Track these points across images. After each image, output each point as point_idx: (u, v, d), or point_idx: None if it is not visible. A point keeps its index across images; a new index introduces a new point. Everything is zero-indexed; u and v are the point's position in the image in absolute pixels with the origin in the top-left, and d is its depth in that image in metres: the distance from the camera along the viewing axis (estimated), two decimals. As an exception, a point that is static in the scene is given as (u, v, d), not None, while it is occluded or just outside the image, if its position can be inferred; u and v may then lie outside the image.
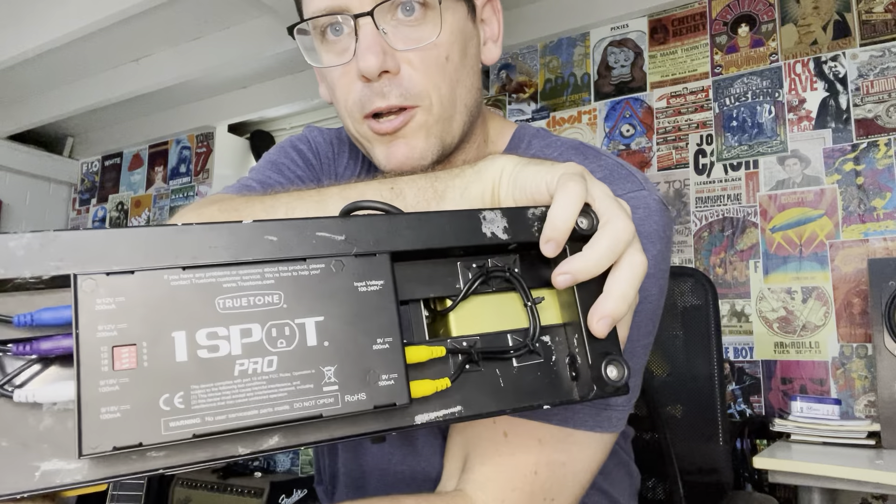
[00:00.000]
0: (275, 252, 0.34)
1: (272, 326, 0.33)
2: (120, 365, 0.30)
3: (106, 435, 0.29)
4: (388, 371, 0.34)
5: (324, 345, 0.34)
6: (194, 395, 0.31)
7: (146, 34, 2.58)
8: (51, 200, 3.66)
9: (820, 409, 1.63)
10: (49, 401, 0.31)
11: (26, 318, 0.32)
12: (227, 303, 0.32)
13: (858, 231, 1.84)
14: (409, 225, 0.38)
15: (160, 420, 0.30)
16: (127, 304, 0.31)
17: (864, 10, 1.93)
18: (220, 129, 3.26)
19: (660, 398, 1.50)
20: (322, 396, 0.33)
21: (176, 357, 0.31)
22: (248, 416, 0.31)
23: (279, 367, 0.32)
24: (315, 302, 0.34)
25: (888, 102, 1.86)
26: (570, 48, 2.42)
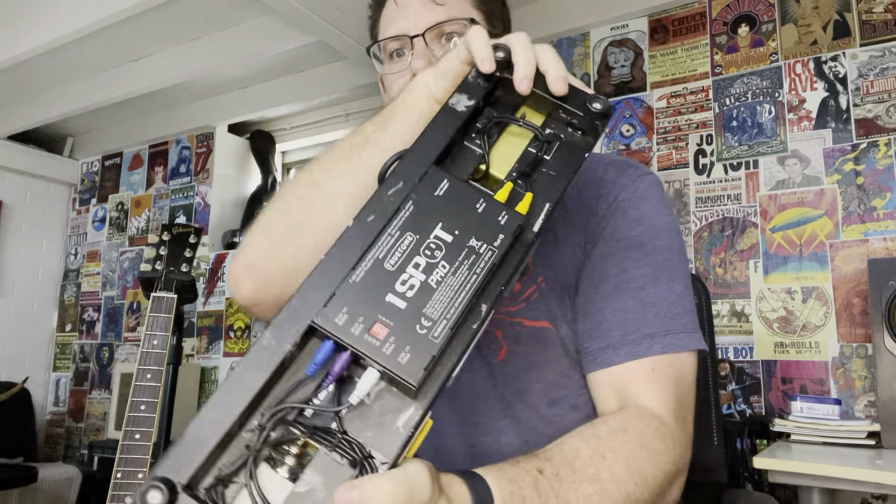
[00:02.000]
0: (384, 217, 0.48)
1: (425, 251, 0.47)
2: (381, 335, 0.43)
3: (413, 369, 0.42)
4: (499, 214, 0.49)
5: (455, 234, 0.48)
6: (428, 313, 0.44)
7: (146, 34, 2.58)
8: (51, 200, 3.66)
9: (820, 409, 1.63)
10: (363, 394, 0.43)
11: (312, 366, 0.43)
12: (393, 260, 0.46)
13: (858, 231, 1.84)
14: (422, 149, 0.52)
15: (428, 338, 0.43)
16: (348, 307, 0.44)
17: (864, 10, 1.93)
18: (220, 129, 3.26)
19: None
20: (483, 253, 0.47)
21: (400, 306, 0.44)
22: (462, 296, 0.45)
23: (448, 265, 0.47)
24: (427, 221, 0.48)
25: (888, 102, 1.86)
26: (570, 48, 2.42)
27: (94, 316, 3.47)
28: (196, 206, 3.25)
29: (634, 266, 0.74)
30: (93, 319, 3.47)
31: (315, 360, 0.43)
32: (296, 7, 2.07)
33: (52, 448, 3.44)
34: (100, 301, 3.46)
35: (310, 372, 0.43)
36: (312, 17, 2.13)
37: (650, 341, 0.70)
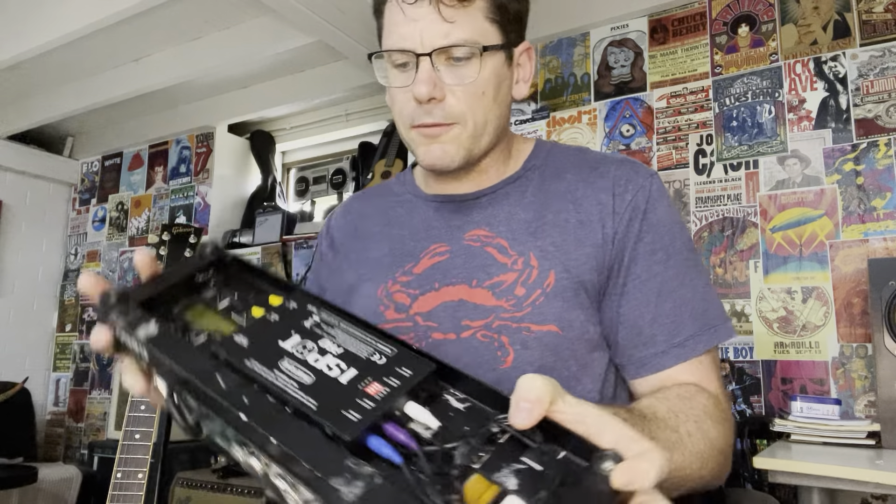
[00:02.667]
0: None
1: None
2: (373, 390, 0.45)
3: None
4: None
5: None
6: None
7: (146, 34, 2.58)
8: (51, 200, 3.66)
9: (820, 409, 1.63)
10: (428, 419, 0.44)
11: (396, 455, 0.42)
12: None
13: (858, 231, 1.84)
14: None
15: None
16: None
17: (864, 10, 1.93)
18: (220, 129, 3.27)
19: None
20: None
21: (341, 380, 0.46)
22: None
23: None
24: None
25: (888, 102, 1.86)
26: (570, 48, 2.42)
27: (94, 316, 3.47)
28: (196, 206, 3.25)
29: (663, 269, 0.77)
30: (93, 319, 3.47)
31: (388, 450, 0.41)
32: (296, 7, 2.07)
33: (52, 448, 3.44)
34: (100, 301, 3.46)
35: (399, 460, 0.41)
36: (312, 17, 2.13)
37: (693, 342, 0.76)
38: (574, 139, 2.33)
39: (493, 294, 0.78)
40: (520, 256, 0.79)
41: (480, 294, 0.79)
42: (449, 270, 0.82)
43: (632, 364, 0.77)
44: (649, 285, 0.77)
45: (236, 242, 3.05)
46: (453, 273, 0.81)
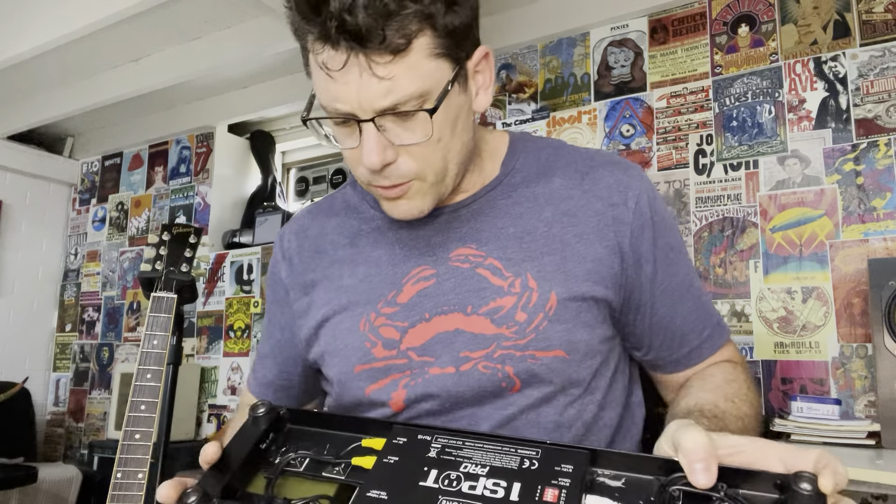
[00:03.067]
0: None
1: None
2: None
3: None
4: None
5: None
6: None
7: (146, 34, 2.58)
8: (51, 200, 3.66)
9: (820, 409, 1.63)
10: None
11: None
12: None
13: (858, 231, 1.84)
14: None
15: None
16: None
17: (864, 10, 1.93)
18: (220, 129, 3.26)
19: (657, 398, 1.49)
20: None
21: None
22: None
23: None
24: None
25: (888, 102, 1.86)
26: (570, 48, 2.42)
27: (94, 316, 3.47)
28: (196, 206, 3.25)
29: (676, 269, 0.78)
30: (93, 319, 3.47)
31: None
32: (296, 7, 2.07)
33: (52, 448, 3.44)
34: (100, 301, 3.46)
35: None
36: (312, 17, 2.13)
37: (719, 329, 0.81)
38: (574, 139, 2.32)
39: (492, 321, 0.72)
40: (516, 277, 0.73)
41: (478, 322, 0.73)
42: (438, 297, 0.75)
43: (669, 364, 0.80)
44: (671, 288, 0.77)
45: (236, 242, 3.05)
46: (444, 300, 0.74)
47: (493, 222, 0.77)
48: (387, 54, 0.63)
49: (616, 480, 0.47)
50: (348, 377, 0.76)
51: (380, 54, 0.63)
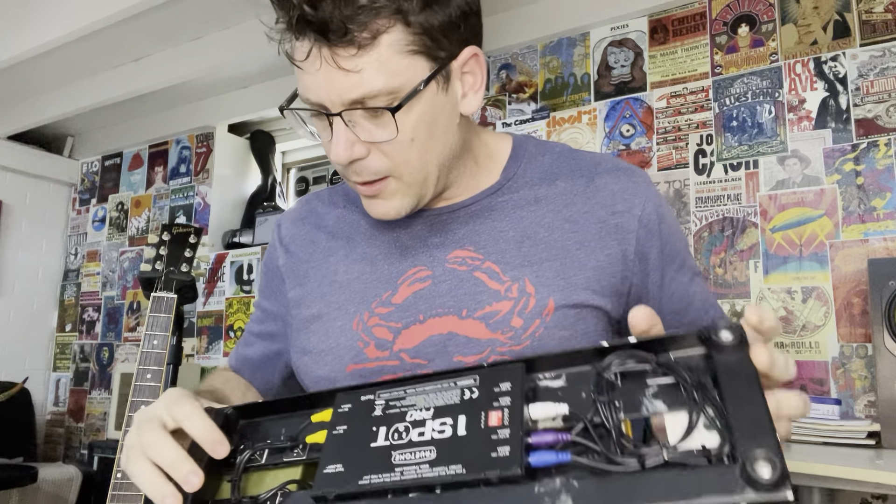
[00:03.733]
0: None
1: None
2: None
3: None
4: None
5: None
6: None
7: (146, 34, 2.58)
8: (51, 200, 3.66)
9: (820, 409, 1.63)
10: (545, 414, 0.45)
11: (553, 454, 0.44)
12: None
13: (858, 231, 1.84)
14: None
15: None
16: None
17: (864, 10, 1.93)
18: (220, 129, 3.26)
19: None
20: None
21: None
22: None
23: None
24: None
25: (888, 102, 1.86)
26: (570, 48, 2.42)
27: (94, 316, 3.47)
28: (196, 206, 3.25)
29: (683, 275, 0.78)
30: (93, 319, 3.47)
31: (552, 457, 0.42)
32: (296, 7, 2.07)
33: (52, 448, 3.44)
34: (100, 301, 3.46)
35: (568, 457, 0.42)
36: (312, 17, 2.13)
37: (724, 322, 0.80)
38: (574, 139, 2.32)
39: (487, 326, 0.71)
40: (514, 282, 0.71)
41: (472, 326, 0.71)
42: (434, 299, 0.73)
43: None
44: (679, 294, 0.78)
45: (236, 242, 3.05)
46: (439, 302, 0.73)
47: (492, 225, 0.75)
48: (351, 48, 0.62)
49: (557, 380, 0.47)
50: (340, 377, 0.75)
51: (344, 47, 0.62)
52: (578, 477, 0.41)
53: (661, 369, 0.45)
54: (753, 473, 0.37)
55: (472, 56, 0.70)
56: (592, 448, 0.43)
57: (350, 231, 0.82)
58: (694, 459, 0.41)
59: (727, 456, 0.40)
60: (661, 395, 0.44)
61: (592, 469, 0.41)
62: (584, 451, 0.43)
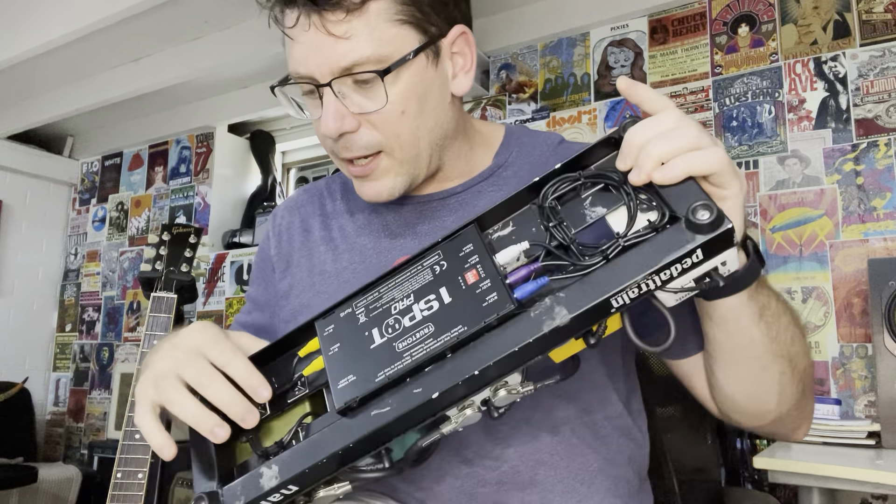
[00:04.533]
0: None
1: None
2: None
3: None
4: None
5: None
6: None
7: (146, 34, 2.58)
8: (51, 200, 3.66)
9: (820, 409, 1.63)
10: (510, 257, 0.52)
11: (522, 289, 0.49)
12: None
13: (858, 231, 1.84)
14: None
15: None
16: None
17: (864, 10, 1.93)
18: (220, 129, 3.26)
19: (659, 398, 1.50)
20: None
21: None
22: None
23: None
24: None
25: (888, 102, 1.86)
26: (570, 48, 2.42)
27: (94, 316, 3.47)
28: (196, 206, 3.25)
29: None
30: (93, 319, 3.47)
31: (531, 286, 0.47)
32: (296, 7, 2.07)
33: (52, 448, 3.44)
34: (100, 301, 3.46)
35: (546, 280, 0.48)
36: (312, 17, 2.13)
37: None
38: (574, 139, 2.32)
39: None
40: None
41: None
42: None
43: (691, 335, 0.71)
44: None
45: (236, 242, 3.05)
46: None
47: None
48: (339, 12, 0.63)
49: (507, 228, 0.52)
50: None
51: (332, 11, 0.63)
52: (561, 289, 0.45)
53: (589, 181, 0.51)
54: (696, 221, 0.43)
55: (460, 34, 0.72)
56: (562, 264, 0.48)
57: (343, 221, 0.82)
58: (645, 236, 0.46)
59: (669, 221, 0.46)
60: (598, 201, 0.50)
61: (569, 279, 0.46)
62: (556, 269, 0.48)
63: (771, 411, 0.65)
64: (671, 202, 0.46)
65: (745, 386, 0.64)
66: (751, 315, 0.58)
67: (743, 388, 0.64)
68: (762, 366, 0.61)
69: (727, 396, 0.66)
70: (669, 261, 0.43)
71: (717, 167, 0.49)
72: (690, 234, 0.43)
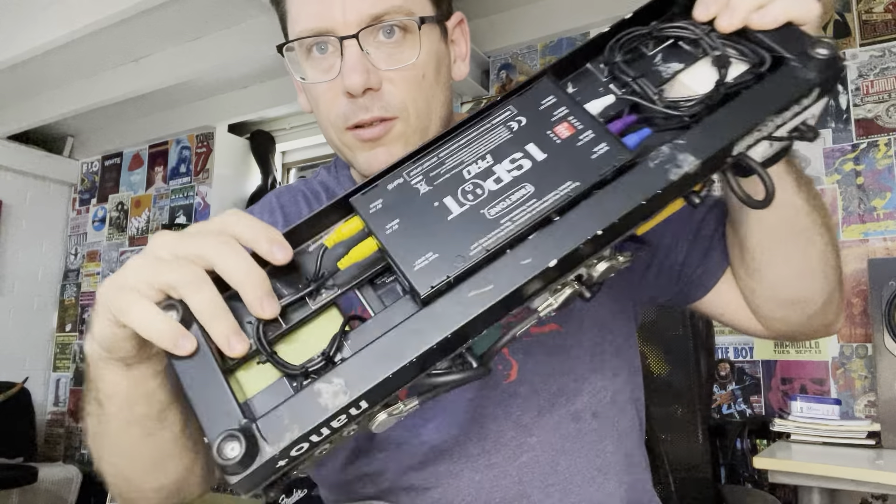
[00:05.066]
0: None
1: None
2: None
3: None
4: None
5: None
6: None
7: (146, 34, 2.58)
8: (51, 200, 3.66)
9: (820, 409, 1.63)
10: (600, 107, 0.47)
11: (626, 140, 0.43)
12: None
13: (858, 231, 1.84)
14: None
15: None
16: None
17: (864, 10, 1.93)
18: (220, 129, 3.26)
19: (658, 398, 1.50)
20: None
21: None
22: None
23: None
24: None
25: (888, 102, 1.86)
26: (570, 48, 2.42)
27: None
28: (196, 206, 3.25)
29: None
30: (93, 319, 3.47)
31: (636, 137, 0.43)
32: (296, 7, 2.07)
33: (52, 448, 3.44)
34: (100, 301, 3.46)
35: (648, 131, 0.43)
36: (312, 17, 2.13)
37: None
38: (574, 139, 2.32)
39: None
40: None
41: None
42: None
43: (692, 283, 0.71)
44: (678, 231, 0.72)
45: (236, 242, 3.05)
46: None
47: None
48: None
49: (596, 65, 0.47)
50: None
51: None
52: (675, 137, 0.40)
53: (663, 32, 0.46)
54: (818, 55, 0.40)
55: (459, 22, 0.72)
56: (662, 111, 0.42)
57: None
58: (746, 83, 0.42)
59: (772, 65, 0.42)
60: (671, 57, 0.45)
61: (681, 125, 0.41)
62: (654, 118, 0.43)
63: (817, 295, 0.64)
64: (770, 39, 0.43)
65: (794, 267, 0.63)
66: (792, 183, 0.58)
67: (791, 270, 0.63)
68: (808, 238, 0.61)
69: (773, 292, 0.65)
70: (792, 98, 0.40)
71: (814, 18, 0.46)
72: (810, 71, 0.40)
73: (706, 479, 1.44)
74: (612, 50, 0.45)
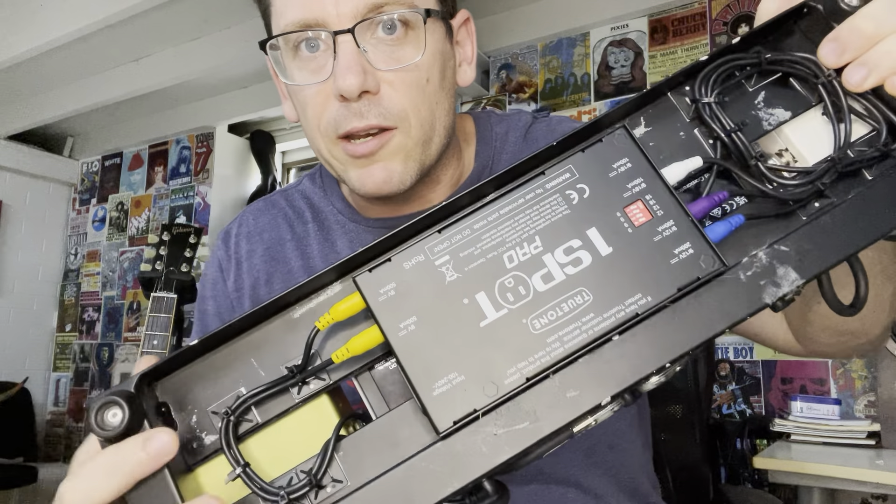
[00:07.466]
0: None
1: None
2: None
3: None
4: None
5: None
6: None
7: (146, 34, 2.58)
8: (51, 200, 3.66)
9: (820, 409, 1.63)
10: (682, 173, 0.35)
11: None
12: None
13: (858, 231, 1.84)
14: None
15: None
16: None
17: (864, 10, 1.93)
18: (220, 129, 3.26)
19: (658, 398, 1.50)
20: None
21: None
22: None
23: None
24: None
25: (888, 102, 1.86)
26: (570, 48, 2.42)
27: (94, 316, 3.47)
28: (196, 206, 3.25)
29: None
30: (93, 319, 3.47)
31: (723, 226, 0.33)
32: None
33: (52, 448, 3.44)
34: (100, 301, 3.46)
35: (741, 219, 0.33)
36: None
37: None
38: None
39: None
40: None
41: None
42: None
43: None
44: None
45: (236, 242, 3.05)
46: None
47: None
48: None
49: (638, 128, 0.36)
50: None
51: None
52: (774, 238, 0.31)
53: (771, 67, 0.35)
54: None
55: (464, 21, 0.66)
56: (753, 191, 0.33)
57: (316, 248, 0.69)
58: (868, 158, 0.33)
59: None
60: (775, 99, 0.35)
61: (773, 218, 0.32)
62: (745, 198, 0.33)
63: (877, 328, 0.56)
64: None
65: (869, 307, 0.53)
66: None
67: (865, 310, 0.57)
68: (888, 276, 0.51)
69: (831, 322, 0.56)
70: None
71: None
72: None
73: (706, 479, 1.44)
74: (706, 82, 0.35)
